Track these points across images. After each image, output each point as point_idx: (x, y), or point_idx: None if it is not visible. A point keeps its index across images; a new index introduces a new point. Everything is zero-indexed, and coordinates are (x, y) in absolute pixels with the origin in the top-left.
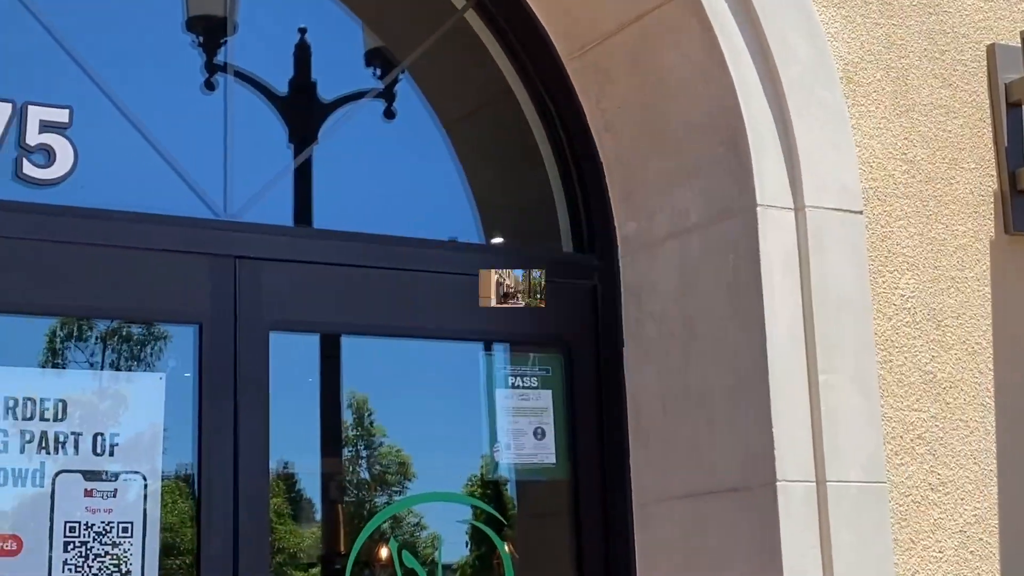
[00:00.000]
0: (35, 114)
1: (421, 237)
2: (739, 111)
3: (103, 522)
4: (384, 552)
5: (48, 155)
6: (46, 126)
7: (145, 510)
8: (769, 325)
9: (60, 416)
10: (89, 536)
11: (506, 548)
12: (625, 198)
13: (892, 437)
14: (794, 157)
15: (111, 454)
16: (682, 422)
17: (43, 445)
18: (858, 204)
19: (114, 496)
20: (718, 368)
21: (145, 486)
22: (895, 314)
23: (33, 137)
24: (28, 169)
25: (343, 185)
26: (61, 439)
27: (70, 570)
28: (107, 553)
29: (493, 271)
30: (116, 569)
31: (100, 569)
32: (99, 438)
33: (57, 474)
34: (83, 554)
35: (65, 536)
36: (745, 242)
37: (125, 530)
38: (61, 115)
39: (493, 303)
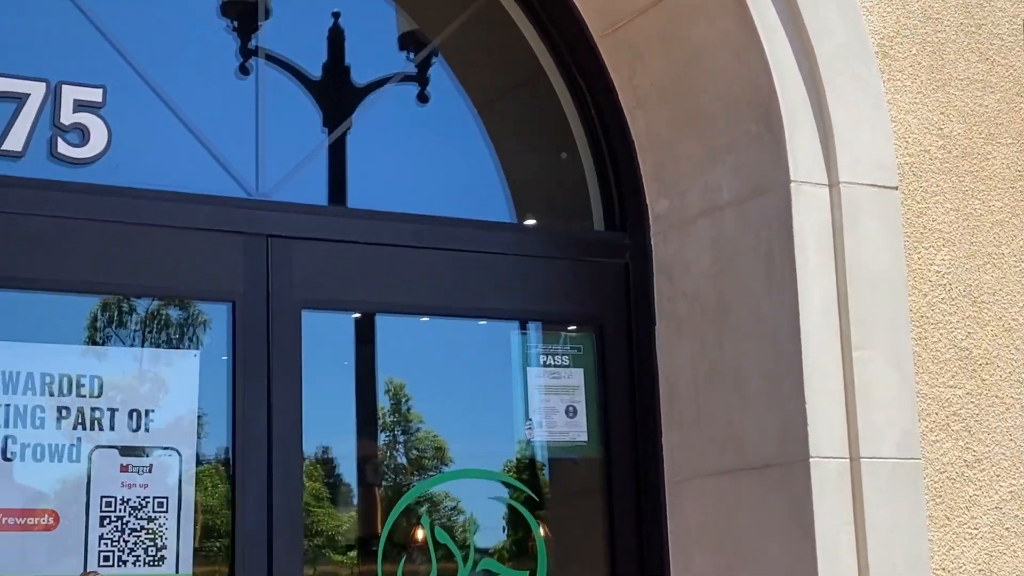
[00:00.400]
0: (69, 93)
1: (453, 216)
2: (773, 87)
3: (139, 497)
4: (419, 532)
5: (82, 134)
6: (80, 105)
7: (180, 486)
8: (803, 301)
9: (97, 393)
10: (125, 511)
11: (539, 526)
12: (657, 176)
13: (927, 414)
14: (828, 133)
15: (147, 430)
16: (715, 399)
17: (80, 421)
18: (893, 180)
19: (150, 472)
20: (752, 345)
21: (180, 462)
22: (930, 290)
23: (67, 116)
24: (63, 148)
25: (376, 166)
26: (98, 415)
27: (106, 544)
28: (143, 528)
29: None
30: (152, 543)
31: (136, 544)
32: (135, 415)
33: (94, 449)
34: (119, 528)
35: (101, 511)
36: (779, 218)
37: (160, 505)
38: (95, 95)
39: None
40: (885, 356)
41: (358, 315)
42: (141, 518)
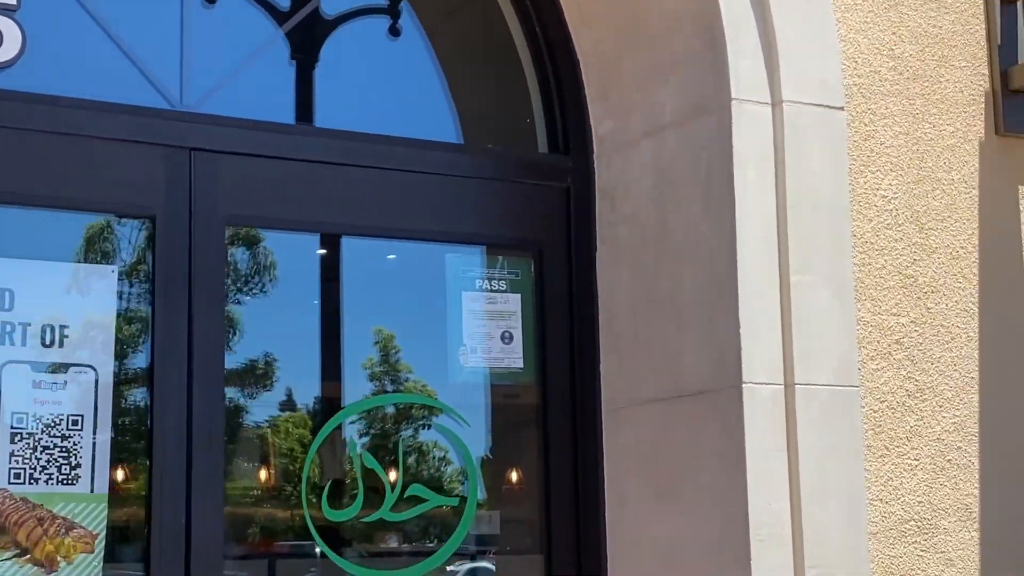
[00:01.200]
0: None
1: (389, 135)
2: (716, 2)
3: (52, 415)
4: (346, 454)
5: None
6: None
7: (96, 404)
8: (740, 225)
9: (8, 307)
10: (37, 428)
11: (471, 452)
12: (601, 96)
13: (868, 342)
14: (773, 51)
15: (61, 346)
16: (653, 325)
17: None
18: (839, 100)
19: (63, 388)
20: (689, 270)
21: (97, 379)
22: (876, 215)
23: None
24: None
25: (315, 85)
26: (8, 329)
27: (17, 461)
28: (56, 446)
29: None
30: (65, 462)
31: (49, 462)
32: (48, 330)
33: (4, 364)
34: (31, 446)
35: (12, 427)
36: (719, 139)
37: (75, 423)
38: None
39: None
40: (825, 282)
41: (289, 234)
42: (54, 436)
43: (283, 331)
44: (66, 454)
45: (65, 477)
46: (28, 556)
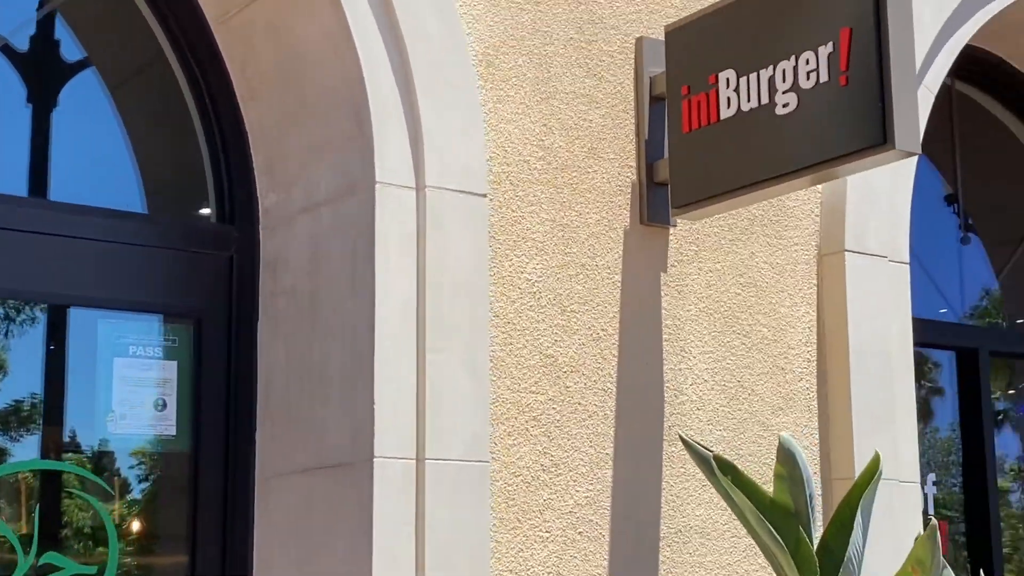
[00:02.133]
0: None
1: (55, 200)
2: (364, 86)
3: None
4: None
5: None
6: None
7: None
8: (380, 303)
9: None
10: None
11: (112, 521)
12: (267, 169)
13: (507, 418)
14: (418, 136)
15: None
16: (304, 397)
17: None
18: (482, 187)
19: None
20: (336, 345)
21: None
22: (519, 297)
23: None
24: None
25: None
26: None
27: None
28: None
29: None
30: None
31: None
32: None
33: None
34: None
35: None
36: (364, 219)
37: None
38: None
39: None
40: (461, 360)
41: None
42: None
43: None
44: None
45: None
46: None
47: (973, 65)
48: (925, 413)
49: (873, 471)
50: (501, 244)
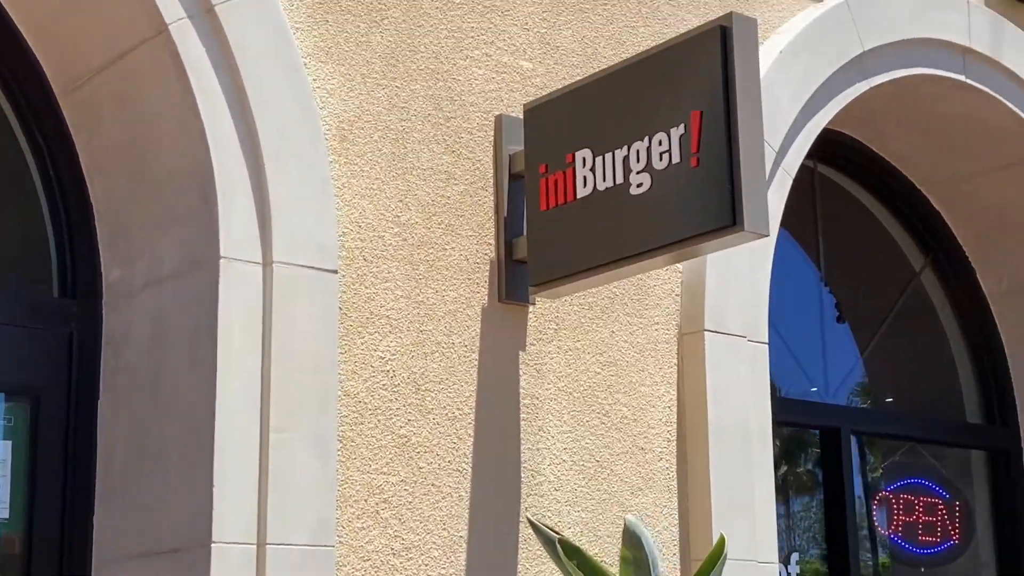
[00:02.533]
0: None
1: None
2: (210, 161)
3: None
4: None
5: None
6: None
7: None
8: (221, 382)
9: None
10: None
11: None
12: (111, 243)
13: (355, 500)
14: (266, 211)
15: None
16: (143, 479)
17: None
18: (333, 263)
19: None
20: (176, 425)
21: None
22: (371, 376)
23: None
24: None
25: None
26: None
27: None
28: None
29: None
30: None
31: None
32: None
33: None
34: None
35: None
36: (208, 295)
37: None
38: None
39: None
40: (306, 441)
41: None
42: None
43: None
44: None
45: None
46: None
47: (835, 148)
48: (799, 490)
49: (718, 554)
50: (353, 321)
